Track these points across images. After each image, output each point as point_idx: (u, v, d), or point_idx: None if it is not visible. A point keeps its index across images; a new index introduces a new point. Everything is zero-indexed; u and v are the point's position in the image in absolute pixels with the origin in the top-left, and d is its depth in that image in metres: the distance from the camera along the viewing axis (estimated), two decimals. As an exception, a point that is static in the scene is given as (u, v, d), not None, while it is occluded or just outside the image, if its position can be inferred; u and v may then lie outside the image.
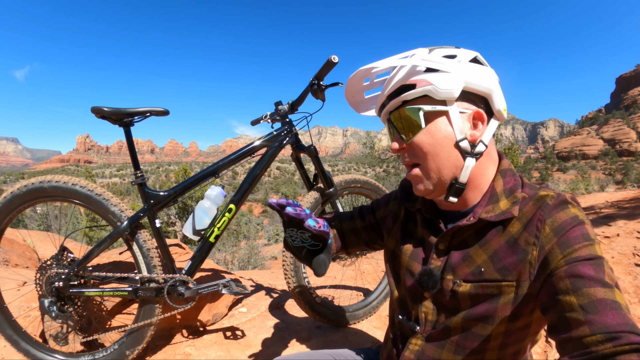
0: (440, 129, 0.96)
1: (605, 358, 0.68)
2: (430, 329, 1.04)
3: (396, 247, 1.21)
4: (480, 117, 0.97)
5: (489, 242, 0.96)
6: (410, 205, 1.19)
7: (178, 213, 12.43)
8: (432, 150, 0.97)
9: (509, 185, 0.99)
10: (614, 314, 0.71)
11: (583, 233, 0.84)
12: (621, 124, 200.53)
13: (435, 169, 0.98)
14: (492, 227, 0.96)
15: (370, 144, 15.69)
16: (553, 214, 0.88)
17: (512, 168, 1.04)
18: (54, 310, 1.99)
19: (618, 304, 0.73)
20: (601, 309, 0.72)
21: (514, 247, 0.91)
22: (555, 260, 0.83)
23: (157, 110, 2.02)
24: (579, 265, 0.79)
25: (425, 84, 0.95)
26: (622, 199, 6.55)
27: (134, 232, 2.02)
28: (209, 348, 2.29)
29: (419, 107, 0.96)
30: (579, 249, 0.81)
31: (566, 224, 0.85)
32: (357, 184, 2.57)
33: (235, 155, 2.17)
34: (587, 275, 0.76)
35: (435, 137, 0.97)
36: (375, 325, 2.59)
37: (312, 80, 2.09)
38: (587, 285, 0.75)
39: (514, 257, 0.90)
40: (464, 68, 0.95)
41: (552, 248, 0.84)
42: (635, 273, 2.98)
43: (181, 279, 2.05)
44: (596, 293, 0.74)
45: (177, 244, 2.94)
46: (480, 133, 0.97)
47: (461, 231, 1.01)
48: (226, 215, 2.09)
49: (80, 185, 1.99)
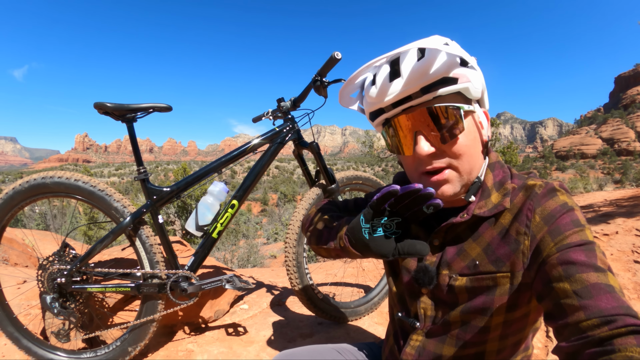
0: (472, 130, 0.94)
1: (602, 342, 0.68)
2: (430, 325, 1.04)
3: None
4: (487, 116, 0.99)
5: (482, 235, 0.97)
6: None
7: (177, 212, 12.42)
8: (467, 152, 0.93)
9: (499, 178, 0.99)
10: (608, 297, 0.71)
11: (573, 219, 0.84)
12: (620, 123, 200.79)
13: (469, 170, 0.95)
14: (484, 220, 0.97)
15: (369, 142, 15.69)
16: (542, 202, 0.89)
17: (499, 160, 1.04)
18: (56, 306, 1.99)
19: (612, 287, 0.73)
20: (595, 293, 0.72)
21: (506, 238, 0.92)
22: (547, 248, 0.83)
23: (160, 106, 2.02)
24: (570, 252, 0.79)
25: (465, 80, 0.89)
26: (620, 197, 6.56)
27: (137, 228, 2.01)
28: (211, 344, 2.29)
29: (459, 105, 0.90)
30: (569, 235, 0.82)
31: (556, 211, 0.86)
32: (358, 181, 2.57)
33: (237, 151, 2.17)
34: (579, 261, 0.77)
35: (469, 138, 0.94)
36: (377, 321, 2.59)
37: (315, 76, 2.09)
38: (580, 270, 0.76)
39: (507, 248, 0.91)
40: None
41: (544, 236, 0.85)
42: (634, 270, 2.99)
43: (184, 274, 2.05)
44: (589, 278, 0.74)
45: (179, 241, 2.94)
46: (488, 132, 0.99)
47: (454, 227, 1.01)
48: (229, 211, 2.09)
49: (82, 181, 1.99)
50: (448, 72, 0.87)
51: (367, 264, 3.80)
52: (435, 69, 0.86)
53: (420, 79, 0.87)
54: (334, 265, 4.04)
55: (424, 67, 0.86)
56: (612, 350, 0.66)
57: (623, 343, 0.65)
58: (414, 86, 0.88)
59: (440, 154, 0.93)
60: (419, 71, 0.86)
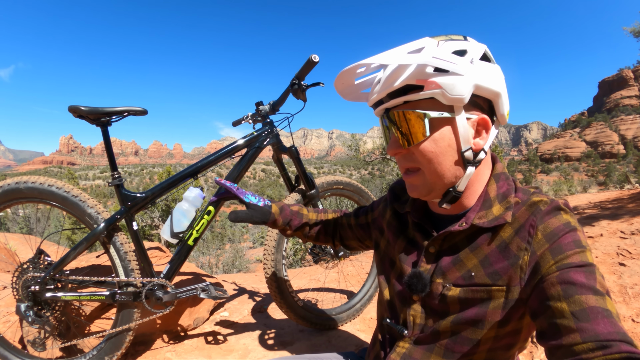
0: (445, 137, 0.92)
1: None
2: (419, 333, 1.02)
3: (387, 248, 1.21)
4: (485, 124, 0.93)
5: (480, 246, 0.94)
6: (400, 207, 1.18)
7: (162, 216, 12.31)
8: (434, 159, 0.93)
9: (502, 190, 0.97)
10: (606, 322, 0.71)
11: (575, 240, 0.83)
12: (603, 126, 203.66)
13: (434, 177, 0.95)
14: (483, 231, 0.95)
15: (355, 146, 15.72)
16: (545, 220, 0.87)
17: (505, 172, 1.02)
18: (31, 315, 1.94)
19: (609, 312, 0.73)
20: (592, 317, 0.72)
21: (505, 252, 0.90)
22: (546, 266, 0.82)
23: (136, 110, 1.98)
24: (570, 272, 0.78)
25: (434, 87, 0.87)
26: (604, 199, 6.63)
27: (111, 234, 1.97)
28: (190, 353, 2.24)
29: (425, 112, 0.90)
30: (570, 255, 0.81)
31: (558, 230, 0.85)
32: (339, 186, 2.55)
33: (214, 155, 2.13)
34: (578, 282, 0.76)
35: (439, 145, 0.92)
36: (359, 328, 2.57)
37: (293, 80, 2.06)
38: (579, 292, 0.75)
39: (505, 262, 0.89)
40: (475, 69, 0.88)
41: (544, 254, 0.84)
42: (620, 272, 3.01)
43: (159, 282, 2.01)
44: (588, 301, 0.74)
45: (158, 247, 2.89)
46: (484, 141, 0.94)
47: (452, 235, 0.99)
48: (205, 218, 2.04)
49: (56, 187, 1.95)
50: (412, 80, 0.89)
51: (350, 268, 3.79)
52: (401, 79, 0.89)
53: (386, 84, 0.93)
54: (316, 271, 4.02)
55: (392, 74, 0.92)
56: None
57: None
58: (382, 92, 0.94)
59: (409, 154, 0.97)
60: (388, 76, 0.92)
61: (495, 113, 0.96)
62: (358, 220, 1.45)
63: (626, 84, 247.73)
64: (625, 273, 2.98)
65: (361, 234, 1.44)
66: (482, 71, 0.89)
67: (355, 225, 1.46)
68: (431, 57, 0.87)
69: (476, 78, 0.88)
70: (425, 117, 0.90)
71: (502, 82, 0.93)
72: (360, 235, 1.45)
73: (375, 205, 1.39)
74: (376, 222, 1.33)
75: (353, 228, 1.47)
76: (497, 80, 0.92)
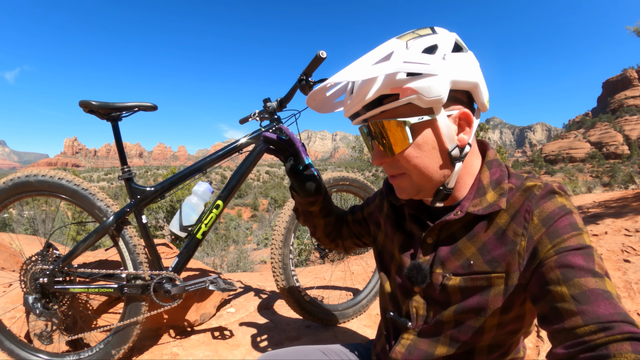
0: (428, 140, 0.90)
1: (598, 348, 0.68)
2: (422, 324, 1.02)
3: (385, 241, 1.21)
4: (467, 118, 0.92)
5: (477, 234, 0.94)
6: (395, 199, 1.17)
7: (166, 217, 12.33)
8: (420, 164, 0.92)
9: (495, 177, 0.96)
10: (606, 303, 0.71)
11: (571, 222, 0.83)
12: (608, 127, 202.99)
13: (422, 179, 0.94)
14: (480, 219, 0.95)
15: (359, 148, 15.68)
16: (541, 204, 0.87)
17: (497, 158, 1.01)
18: (38, 307, 1.96)
19: (609, 293, 0.73)
20: (593, 299, 0.72)
21: (503, 238, 0.90)
22: (544, 250, 0.82)
23: (146, 105, 2.00)
24: (569, 255, 0.78)
25: (410, 93, 0.85)
26: (609, 199, 6.60)
27: (120, 227, 1.99)
28: (196, 348, 2.26)
29: (404, 120, 0.88)
30: (568, 238, 0.80)
31: (554, 213, 0.84)
32: (345, 182, 2.56)
33: (222, 151, 2.14)
34: (577, 265, 0.76)
35: (423, 150, 0.91)
36: (365, 323, 2.58)
37: (301, 76, 2.07)
38: (578, 275, 0.75)
39: (503, 249, 0.89)
40: (449, 64, 0.86)
41: (541, 238, 0.83)
42: (625, 268, 3.01)
43: (168, 275, 2.03)
44: (587, 283, 0.73)
45: (165, 243, 2.91)
46: (469, 135, 0.92)
47: (449, 225, 0.99)
48: (213, 212, 2.06)
49: (66, 180, 1.97)
50: (386, 90, 0.86)
51: (355, 267, 3.79)
52: (374, 91, 0.87)
53: (358, 101, 0.91)
54: (322, 268, 4.02)
55: (363, 86, 0.89)
56: (607, 355, 0.66)
57: (618, 349, 0.65)
58: (356, 105, 0.92)
59: (394, 162, 0.96)
60: (360, 89, 0.90)
61: (475, 102, 0.95)
62: (354, 217, 1.44)
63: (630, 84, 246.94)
64: (630, 269, 2.98)
65: (358, 230, 1.43)
66: (457, 65, 0.87)
67: (352, 222, 1.45)
68: (402, 62, 0.84)
69: (451, 74, 0.86)
70: (406, 125, 0.89)
71: (478, 70, 0.92)
72: (358, 231, 1.44)
73: (371, 200, 1.38)
74: (372, 216, 1.32)
75: (350, 225, 1.46)
76: (473, 70, 0.90)
